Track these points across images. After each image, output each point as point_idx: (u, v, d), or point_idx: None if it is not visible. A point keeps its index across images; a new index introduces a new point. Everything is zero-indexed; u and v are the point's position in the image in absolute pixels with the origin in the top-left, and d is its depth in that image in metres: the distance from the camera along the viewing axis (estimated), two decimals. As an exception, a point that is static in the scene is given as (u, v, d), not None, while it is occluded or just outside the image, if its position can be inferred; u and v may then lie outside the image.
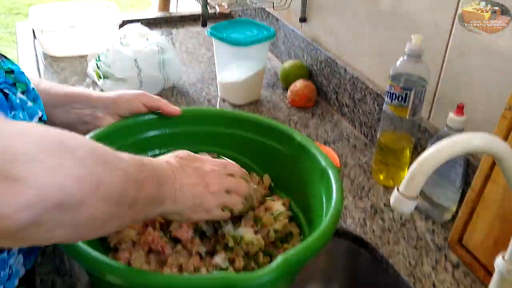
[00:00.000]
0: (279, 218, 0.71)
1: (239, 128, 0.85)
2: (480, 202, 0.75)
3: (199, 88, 1.30)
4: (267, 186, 0.81)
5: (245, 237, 0.66)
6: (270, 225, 0.70)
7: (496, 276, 0.67)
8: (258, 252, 0.67)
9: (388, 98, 0.88)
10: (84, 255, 0.55)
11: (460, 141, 0.54)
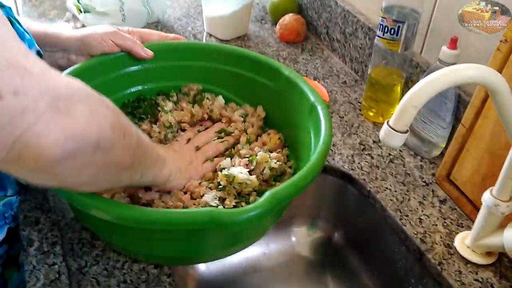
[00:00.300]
0: (275, 158, 0.69)
1: (224, 63, 0.82)
2: (470, 138, 0.74)
3: (184, 22, 1.25)
4: (262, 117, 0.79)
5: (238, 177, 0.64)
6: (266, 163, 0.68)
7: (483, 211, 0.67)
8: (251, 191, 0.66)
9: (380, 31, 0.84)
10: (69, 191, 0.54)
11: (453, 72, 0.51)
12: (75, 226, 0.70)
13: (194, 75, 0.83)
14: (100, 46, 0.75)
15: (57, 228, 0.69)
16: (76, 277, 0.64)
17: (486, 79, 0.52)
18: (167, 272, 0.66)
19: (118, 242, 0.64)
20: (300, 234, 0.92)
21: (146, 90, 0.82)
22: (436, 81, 0.51)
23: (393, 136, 0.53)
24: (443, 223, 0.75)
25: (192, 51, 0.83)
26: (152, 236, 0.59)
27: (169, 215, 0.54)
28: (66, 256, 0.66)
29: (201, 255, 0.66)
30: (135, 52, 0.77)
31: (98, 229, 0.65)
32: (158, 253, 0.64)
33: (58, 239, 0.68)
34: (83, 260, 0.66)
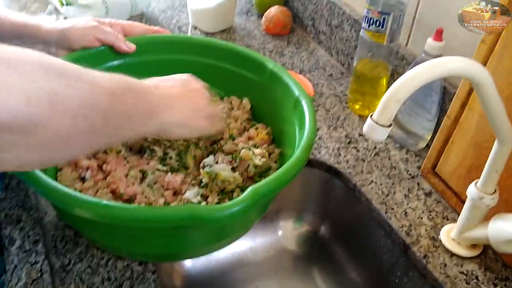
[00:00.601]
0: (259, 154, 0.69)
1: (208, 56, 0.81)
2: (456, 130, 0.74)
3: (169, 15, 1.23)
4: (248, 110, 0.78)
5: (221, 174, 0.64)
6: (250, 159, 0.67)
7: (468, 203, 0.67)
8: (235, 188, 0.65)
9: (365, 23, 0.84)
10: (51, 189, 0.53)
11: (436, 65, 0.51)
12: (58, 223, 0.69)
13: (179, 69, 0.82)
14: (81, 40, 0.74)
15: (39, 226, 0.68)
16: (59, 275, 0.63)
17: (470, 72, 0.51)
18: (151, 269, 0.65)
19: (101, 239, 0.64)
20: (286, 228, 0.92)
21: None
22: (419, 74, 0.50)
23: (376, 130, 0.52)
24: (428, 216, 0.75)
25: (176, 44, 0.82)
26: (134, 233, 0.59)
27: (149, 212, 0.53)
28: (49, 254, 0.65)
29: (185, 251, 0.65)
30: (117, 46, 0.76)
31: (80, 227, 0.64)
32: (141, 250, 0.63)
33: (41, 237, 0.67)
34: (66, 257, 0.65)
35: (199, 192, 0.63)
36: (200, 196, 0.62)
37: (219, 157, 0.69)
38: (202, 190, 0.64)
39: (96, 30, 0.75)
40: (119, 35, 0.77)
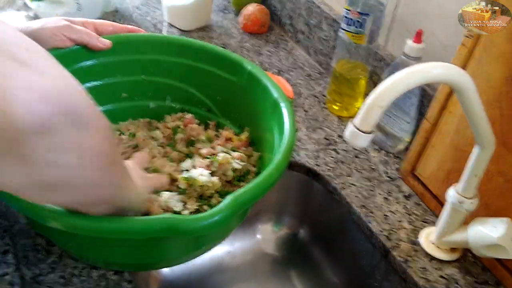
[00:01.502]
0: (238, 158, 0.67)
1: (184, 56, 0.78)
2: (435, 133, 0.74)
3: (144, 12, 1.20)
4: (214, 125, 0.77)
5: (198, 180, 0.62)
6: (228, 164, 0.66)
7: (447, 207, 0.67)
8: (214, 193, 0.64)
9: (344, 23, 0.83)
10: (22, 200, 0.50)
11: (419, 71, 0.50)
12: (29, 232, 0.66)
13: (153, 69, 0.80)
14: (51, 41, 0.70)
15: (8, 236, 0.65)
16: (30, 286, 0.61)
17: (453, 79, 0.51)
18: (128, 278, 0.63)
19: (75, 249, 0.61)
20: (265, 231, 0.90)
21: (102, 86, 0.78)
22: (402, 80, 0.50)
23: (358, 136, 0.51)
24: (408, 219, 0.75)
25: (151, 44, 0.79)
26: (110, 244, 0.57)
27: (124, 224, 0.51)
28: (20, 265, 0.63)
29: (162, 260, 0.63)
30: (91, 44, 0.73)
31: (53, 237, 0.61)
32: (117, 260, 0.61)
33: (10, 247, 0.64)
34: (38, 268, 0.63)
35: (179, 199, 0.61)
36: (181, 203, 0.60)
37: (196, 161, 0.67)
38: (181, 196, 0.62)
39: (68, 30, 0.72)
40: (91, 33, 0.74)
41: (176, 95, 0.80)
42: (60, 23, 0.72)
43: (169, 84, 0.80)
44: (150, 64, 0.79)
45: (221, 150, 0.68)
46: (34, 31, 0.71)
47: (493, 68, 0.63)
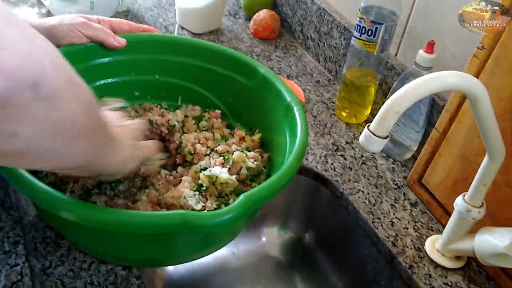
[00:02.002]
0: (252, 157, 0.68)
1: (198, 58, 0.79)
2: (443, 142, 0.75)
3: (155, 13, 1.21)
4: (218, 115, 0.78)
5: (221, 177, 0.62)
6: (243, 162, 0.66)
7: (455, 215, 0.68)
8: (232, 192, 0.64)
9: (357, 32, 0.84)
10: (35, 188, 0.51)
11: (435, 79, 0.51)
12: (39, 224, 0.67)
13: (167, 69, 0.81)
14: (68, 38, 0.71)
15: (19, 227, 0.66)
16: (39, 278, 0.61)
17: (468, 87, 0.52)
18: (136, 274, 0.64)
19: (85, 243, 0.62)
20: (270, 234, 0.91)
21: (116, 83, 0.79)
22: (418, 87, 0.50)
23: (373, 141, 0.52)
24: (414, 226, 0.75)
25: (165, 44, 0.80)
26: (120, 238, 0.57)
27: (140, 218, 0.51)
28: (29, 256, 0.63)
29: (171, 257, 0.64)
30: (107, 42, 0.74)
31: (63, 229, 0.62)
32: (127, 255, 0.61)
33: (21, 238, 0.64)
34: (47, 260, 0.63)
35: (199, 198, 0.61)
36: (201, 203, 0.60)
37: (211, 159, 0.67)
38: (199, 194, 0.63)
39: (84, 26, 0.73)
40: (108, 31, 0.75)
41: (188, 96, 0.81)
42: (77, 20, 0.73)
43: (181, 85, 0.81)
44: (164, 64, 0.80)
45: (235, 148, 0.69)
46: (51, 27, 0.72)
47: (505, 81, 0.64)
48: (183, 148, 0.69)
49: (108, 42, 0.74)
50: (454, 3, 0.77)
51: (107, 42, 0.74)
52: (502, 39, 0.64)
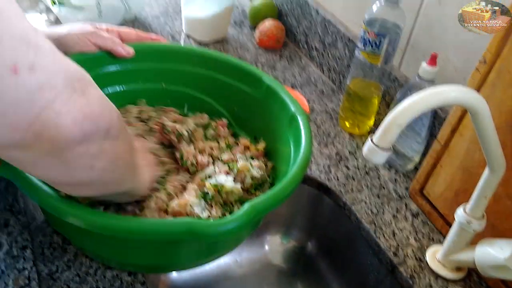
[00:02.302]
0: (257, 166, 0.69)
1: (205, 67, 0.81)
2: (445, 154, 0.76)
3: (162, 22, 1.23)
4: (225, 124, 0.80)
5: (226, 186, 0.63)
6: (247, 171, 0.67)
7: (455, 227, 0.68)
8: (236, 200, 0.65)
9: (361, 43, 0.85)
10: (42, 194, 0.52)
11: (438, 93, 0.52)
12: (46, 229, 0.68)
13: (173, 78, 0.82)
14: (77, 47, 0.73)
15: (27, 231, 0.67)
16: (46, 283, 0.62)
17: (469, 101, 0.53)
18: (141, 280, 0.65)
19: (91, 248, 0.63)
20: (273, 242, 0.92)
21: (124, 92, 0.80)
22: (421, 101, 0.52)
23: (376, 153, 0.53)
24: (415, 236, 0.76)
25: (172, 53, 0.81)
26: (127, 245, 0.58)
27: (147, 225, 0.52)
28: (37, 261, 0.64)
29: (176, 264, 0.65)
30: (115, 50, 0.76)
31: (70, 234, 0.63)
32: (132, 261, 0.62)
33: (29, 242, 0.65)
34: (54, 265, 0.64)
35: (205, 206, 0.62)
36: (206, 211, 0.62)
37: (216, 167, 0.68)
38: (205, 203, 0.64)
39: (93, 35, 0.75)
40: (116, 40, 0.76)
41: (193, 104, 0.82)
42: (86, 29, 0.75)
43: (187, 93, 0.83)
44: (170, 73, 0.81)
45: (240, 157, 0.70)
46: (61, 37, 0.73)
47: (506, 94, 0.65)
48: (185, 161, 0.71)
49: (116, 51, 0.76)
50: (456, 16, 0.78)
51: (115, 51, 0.75)
52: (503, 53, 0.65)
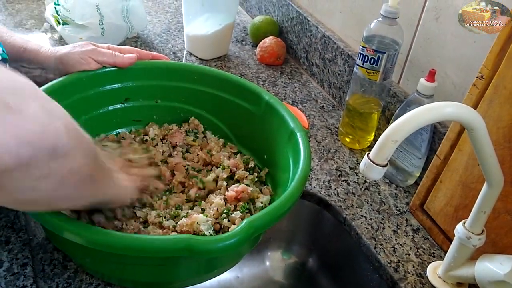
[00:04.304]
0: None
1: (205, 85, 0.82)
2: (445, 169, 0.76)
3: (164, 39, 1.24)
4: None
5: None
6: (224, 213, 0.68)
7: (455, 242, 0.68)
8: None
9: (359, 60, 0.86)
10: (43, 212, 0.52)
11: (433, 109, 0.53)
12: (47, 246, 0.69)
13: (174, 95, 0.83)
14: (79, 65, 0.74)
15: (28, 249, 0.67)
16: (46, 300, 0.62)
17: (464, 117, 0.53)
18: (140, 296, 0.65)
19: (91, 265, 0.63)
20: (274, 258, 0.92)
21: (124, 108, 0.81)
22: (417, 117, 0.52)
23: (372, 169, 0.54)
24: (415, 252, 0.76)
25: (174, 71, 0.83)
26: (126, 261, 0.58)
27: (145, 242, 0.53)
28: (37, 278, 0.64)
29: (175, 280, 0.65)
30: (119, 62, 0.77)
31: (70, 251, 0.63)
32: (132, 277, 0.63)
33: (29, 260, 0.66)
34: (54, 282, 0.64)
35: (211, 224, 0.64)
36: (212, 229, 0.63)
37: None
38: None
39: (95, 53, 0.76)
40: (117, 53, 0.78)
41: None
42: (87, 47, 0.76)
43: (187, 110, 0.84)
44: (171, 90, 0.83)
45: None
46: (63, 55, 0.75)
47: (503, 110, 0.66)
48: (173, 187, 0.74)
49: (120, 62, 0.77)
50: (455, 32, 0.79)
51: (119, 62, 0.77)
52: (500, 69, 0.66)
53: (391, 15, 0.81)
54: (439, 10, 0.81)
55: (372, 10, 0.95)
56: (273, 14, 1.29)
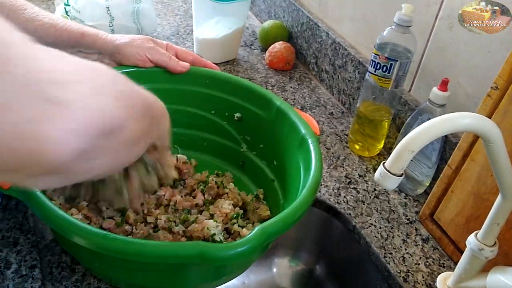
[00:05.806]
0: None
1: (217, 89, 0.81)
2: (456, 179, 0.75)
3: (173, 42, 1.24)
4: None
5: None
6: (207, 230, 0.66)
7: (467, 254, 0.68)
8: None
9: (371, 67, 0.85)
10: (51, 213, 0.52)
11: (450, 120, 0.52)
12: (55, 248, 0.68)
13: (186, 99, 0.83)
14: (133, 59, 0.76)
15: (36, 251, 0.67)
16: (53, 303, 0.62)
17: (482, 129, 0.52)
18: (148, 301, 0.64)
19: (99, 269, 0.63)
20: (281, 265, 0.91)
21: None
22: (434, 127, 0.51)
23: (388, 178, 0.53)
24: (425, 262, 0.75)
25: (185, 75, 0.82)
26: (135, 267, 0.58)
27: (156, 248, 0.52)
28: (45, 280, 0.64)
29: (184, 286, 0.64)
30: (171, 66, 0.78)
31: (78, 254, 0.63)
32: (141, 282, 0.62)
33: (37, 262, 0.65)
34: (62, 285, 0.64)
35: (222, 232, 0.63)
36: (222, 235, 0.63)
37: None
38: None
39: (152, 51, 0.77)
40: (172, 56, 0.79)
41: (204, 125, 0.83)
42: (146, 44, 0.77)
43: (199, 114, 0.83)
44: (183, 94, 0.82)
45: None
46: (121, 45, 0.76)
47: (518, 121, 0.65)
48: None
49: (172, 67, 0.78)
50: (467, 41, 0.79)
51: (171, 67, 0.78)
52: (515, 80, 0.65)
53: (404, 23, 0.80)
54: (453, 19, 0.81)
55: (384, 18, 0.94)
56: (282, 19, 1.28)
